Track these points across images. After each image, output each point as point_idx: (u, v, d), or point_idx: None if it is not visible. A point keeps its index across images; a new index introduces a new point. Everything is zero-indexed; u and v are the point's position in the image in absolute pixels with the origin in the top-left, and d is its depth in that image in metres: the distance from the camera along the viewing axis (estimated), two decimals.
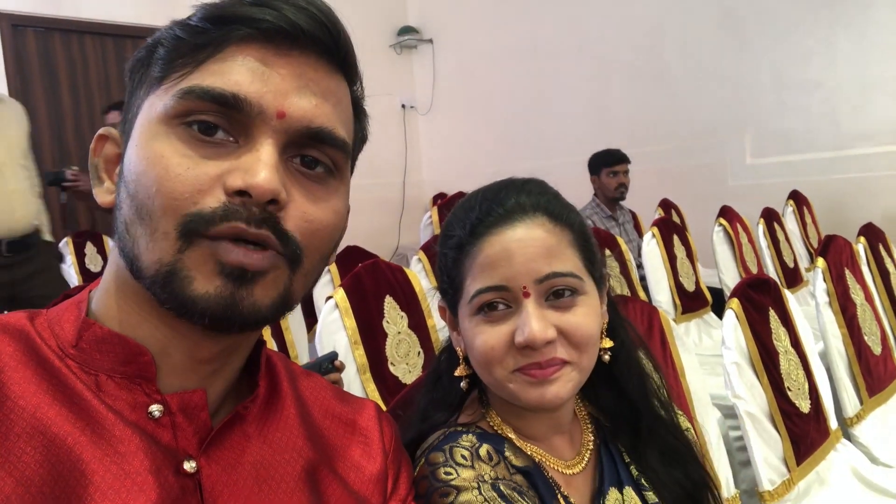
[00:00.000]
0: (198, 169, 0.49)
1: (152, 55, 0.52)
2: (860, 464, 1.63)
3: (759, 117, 4.02)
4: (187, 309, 0.49)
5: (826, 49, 3.70)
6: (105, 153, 0.56)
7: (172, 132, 0.49)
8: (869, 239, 2.41)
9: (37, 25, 4.29)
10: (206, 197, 0.48)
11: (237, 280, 0.49)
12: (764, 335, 1.54)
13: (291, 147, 0.52)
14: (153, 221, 0.48)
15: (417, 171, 6.30)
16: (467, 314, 0.71)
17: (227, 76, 0.49)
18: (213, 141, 0.50)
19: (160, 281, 0.48)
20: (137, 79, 0.54)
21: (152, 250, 0.48)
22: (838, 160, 3.72)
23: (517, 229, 0.69)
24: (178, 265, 0.48)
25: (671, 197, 4.04)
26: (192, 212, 0.48)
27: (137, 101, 0.53)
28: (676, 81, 4.37)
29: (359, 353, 1.74)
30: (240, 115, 0.49)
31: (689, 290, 2.90)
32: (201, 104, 0.49)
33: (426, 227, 3.92)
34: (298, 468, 0.57)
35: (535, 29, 5.16)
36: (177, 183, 0.48)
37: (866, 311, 1.99)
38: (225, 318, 0.49)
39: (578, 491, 0.74)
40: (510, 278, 0.68)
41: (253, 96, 0.49)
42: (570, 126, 5.00)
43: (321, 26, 0.52)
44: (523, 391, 0.69)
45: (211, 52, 0.50)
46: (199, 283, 0.48)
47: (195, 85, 0.49)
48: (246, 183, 0.48)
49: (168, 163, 0.48)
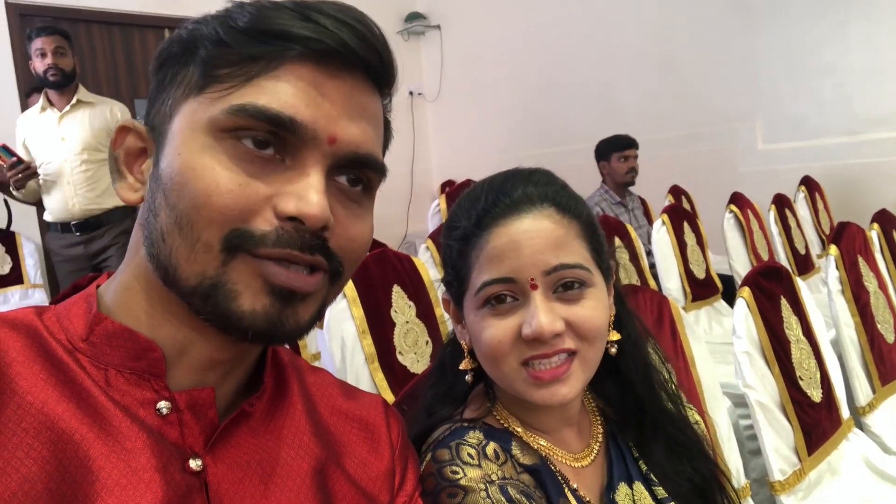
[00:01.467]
0: (249, 188, 0.48)
1: (191, 53, 0.51)
2: (872, 453, 1.62)
3: (771, 103, 3.97)
4: (231, 323, 0.49)
5: (839, 34, 3.65)
6: (126, 146, 0.54)
7: (220, 146, 0.49)
8: (882, 225, 2.38)
9: (44, 15, 4.28)
10: (256, 217, 0.48)
11: (285, 300, 0.50)
12: (775, 324, 1.53)
13: (335, 170, 0.52)
14: (194, 233, 0.48)
15: (425, 158, 6.28)
16: (473, 307, 0.70)
17: (281, 97, 0.49)
18: (261, 156, 0.49)
19: (202, 293, 0.49)
20: (170, 74, 0.52)
21: (193, 262, 0.48)
22: (851, 145, 3.68)
23: (524, 221, 0.68)
24: (223, 279, 0.48)
25: (681, 184, 4.01)
26: (240, 228, 0.48)
27: (170, 101, 0.52)
28: (686, 67, 4.32)
29: (367, 342, 1.74)
30: (292, 137, 0.49)
31: (699, 277, 2.89)
32: (254, 122, 0.48)
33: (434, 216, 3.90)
34: (305, 465, 0.57)
35: (544, 15, 5.11)
36: (227, 199, 0.48)
37: (879, 299, 1.97)
38: (268, 334, 0.50)
39: (588, 484, 0.74)
40: (517, 270, 0.67)
41: (308, 120, 0.49)
42: (578, 113, 4.96)
43: (371, 48, 0.52)
44: (530, 391, 0.68)
45: (262, 68, 0.49)
46: (245, 299, 0.49)
47: (248, 103, 0.48)
48: (300, 211, 0.48)
49: (217, 177, 0.48)
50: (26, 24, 4.23)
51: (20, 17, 4.19)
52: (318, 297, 0.53)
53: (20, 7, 4.18)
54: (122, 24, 4.54)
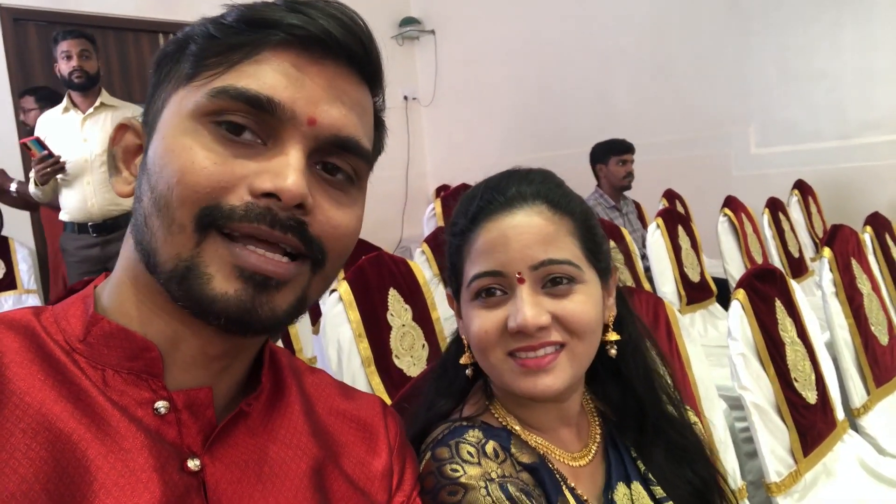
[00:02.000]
0: (224, 165, 0.49)
1: (183, 50, 0.52)
2: (867, 455, 1.62)
3: (764, 107, 4.00)
4: (203, 308, 0.49)
5: (831, 39, 3.68)
6: (124, 143, 0.56)
7: (202, 128, 0.50)
8: (875, 228, 2.39)
9: (38, 19, 4.28)
10: (229, 195, 0.49)
11: (259, 286, 0.49)
12: (770, 326, 1.53)
13: (316, 153, 0.52)
14: (170, 212, 0.48)
15: (420, 163, 6.28)
16: (467, 299, 0.73)
17: (261, 79, 0.50)
18: (240, 141, 0.50)
19: (177, 277, 0.49)
20: (164, 72, 0.53)
21: (170, 244, 0.49)
22: (843, 150, 3.70)
23: (516, 216, 0.70)
24: (196, 261, 0.48)
25: (675, 188, 4.02)
26: (210, 205, 0.48)
27: (164, 95, 0.53)
28: (681, 72, 4.34)
29: (363, 346, 1.74)
30: (271, 118, 0.50)
31: (693, 280, 2.89)
32: (234, 104, 0.49)
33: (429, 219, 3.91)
34: (303, 465, 0.57)
35: (539, 20, 5.13)
36: (200, 176, 0.48)
37: (873, 301, 1.98)
38: (241, 321, 0.49)
39: (585, 483, 0.74)
40: (505, 264, 0.68)
41: (286, 101, 0.50)
42: (573, 117, 4.97)
43: (355, 37, 0.52)
44: (515, 380, 0.69)
45: (245, 53, 0.50)
46: (217, 282, 0.48)
47: (229, 85, 0.49)
48: (275, 185, 0.48)
49: (194, 155, 0.49)
50: (20, 27, 4.23)
51: (14, 21, 4.19)
52: (297, 286, 0.52)
53: (14, 11, 4.18)
54: (116, 28, 4.54)
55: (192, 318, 0.50)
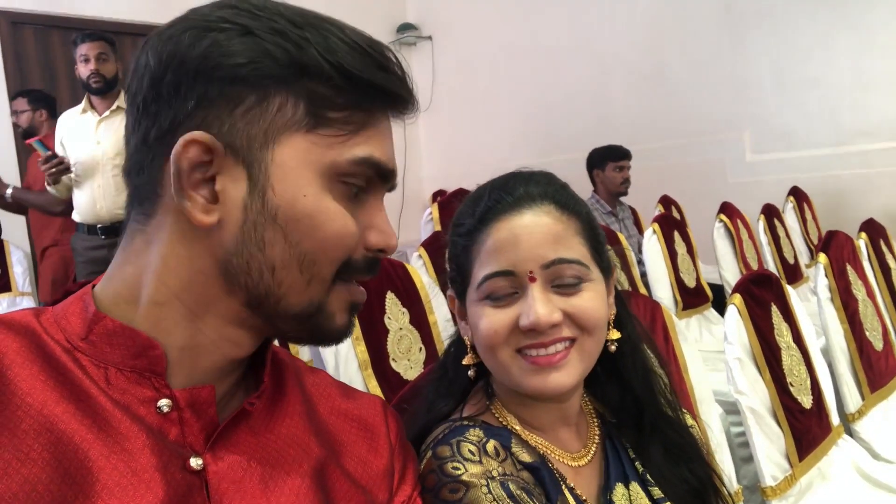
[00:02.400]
0: (355, 227, 0.55)
1: (292, 84, 0.50)
2: (862, 459, 1.63)
3: (759, 114, 4.02)
4: (322, 337, 0.58)
5: (825, 46, 3.71)
6: (191, 156, 0.49)
7: (335, 188, 0.53)
8: (870, 235, 2.41)
9: (36, 23, 4.28)
10: (356, 251, 0.56)
11: (355, 311, 0.59)
12: (766, 330, 1.54)
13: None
14: (318, 268, 0.53)
15: (417, 168, 6.29)
16: (475, 300, 0.73)
17: (385, 150, 0.56)
18: (353, 199, 0.56)
19: (304, 317, 0.55)
20: (258, 96, 0.50)
21: (306, 293, 0.54)
22: (838, 157, 3.73)
23: (525, 216, 0.70)
24: (325, 304, 0.55)
25: (671, 193, 4.04)
26: (346, 260, 0.55)
27: (264, 125, 0.50)
28: (676, 79, 4.37)
29: (360, 349, 1.74)
30: (380, 181, 0.57)
31: (689, 286, 2.90)
32: (368, 171, 0.55)
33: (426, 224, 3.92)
34: (305, 464, 0.57)
35: (535, 26, 5.16)
36: (352, 240, 0.55)
37: (868, 307, 1.99)
38: (342, 340, 0.59)
39: (585, 483, 0.74)
40: (516, 263, 0.69)
41: (396, 169, 0.58)
42: (570, 123, 4.99)
43: (414, 100, 0.58)
44: (525, 378, 0.70)
45: (365, 119, 0.54)
46: (339, 317, 0.57)
47: (370, 156, 0.54)
48: (387, 244, 0.57)
49: (346, 221, 0.54)
50: (17, 31, 4.23)
51: (11, 24, 4.19)
52: None
53: (11, 14, 4.18)
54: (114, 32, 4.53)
55: (249, 329, 0.55)
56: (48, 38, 4.36)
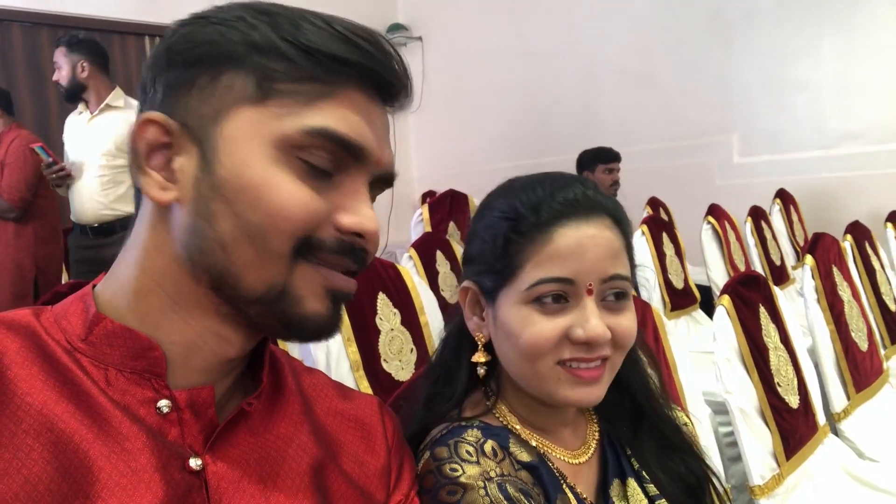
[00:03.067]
0: (315, 202, 0.52)
1: (242, 61, 0.51)
2: (847, 459, 1.65)
3: (747, 117, 4.06)
4: (293, 326, 0.53)
5: (811, 50, 3.75)
6: (149, 138, 0.52)
7: (289, 161, 0.51)
8: (855, 237, 2.44)
9: (23, 20, 4.24)
10: (321, 230, 0.52)
11: (338, 302, 0.55)
12: (754, 331, 1.56)
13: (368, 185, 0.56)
14: (267, 242, 0.50)
15: (406, 169, 6.28)
16: (516, 301, 0.70)
17: (350, 123, 0.52)
18: (320, 176, 0.53)
19: (269, 300, 0.52)
20: (211, 76, 0.51)
21: (262, 271, 0.51)
22: (824, 159, 3.77)
23: (590, 227, 0.69)
24: (290, 285, 0.52)
25: (660, 196, 4.07)
26: (304, 237, 0.51)
27: (214, 102, 0.51)
28: (665, 82, 4.40)
29: (352, 350, 1.74)
30: (352, 160, 0.53)
31: (677, 287, 2.93)
32: (325, 143, 0.51)
33: (417, 225, 3.92)
34: (303, 464, 0.57)
35: (525, 28, 5.17)
36: (302, 211, 0.51)
37: (853, 308, 2.01)
38: (326, 334, 0.55)
39: (584, 481, 0.75)
40: (578, 273, 0.68)
41: (369, 147, 0.54)
42: (559, 125, 5.01)
43: (409, 83, 0.57)
44: (564, 389, 0.70)
45: (324, 90, 0.51)
46: (310, 302, 0.53)
47: (325, 127, 0.51)
48: (363, 227, 0.54)
49: (293, 191, 0.51)
50: (4, 28, 4.19)
51: None
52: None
53: None
54: (101, 30, 4.50)
55: (226, 321, 0.53)
56: (36, 36, 4.32)
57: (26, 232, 3.01)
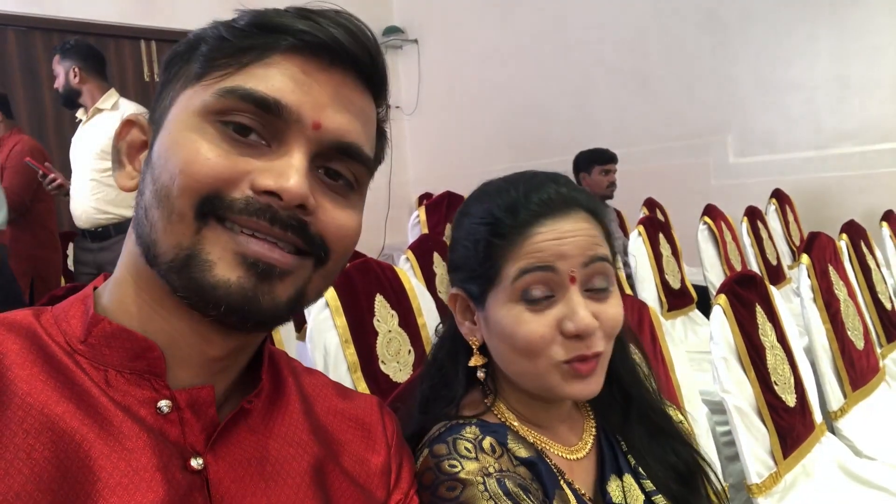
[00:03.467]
0: (228, 159, 0.50)
1: (193, 51, 0.54)
2: (844, 457, 1.65)
3: (742, 118, 4.07)
4: (204, 296, 0.49)
5: (806, 51, 3.76)
6: (129, 138, 0.57)
7: (208, 126, 0.51)
8: (851, 236, 2.45)
9: (18, 25, 4.24)
10: (231, 188, 0.50)
11: (262, 274, 0.50)
12: (751, 330, 1.56)
13: (319, 158, 0.53)
14: (170, 202, 0.49)
15: (403, 171, 6.29)
16: (504, 300, 0.71)
17: (269, 82, 0.51)
18: (246, 141, 0.51)
19: (177, 266, 0.49)
20: (174, 71, 0.55)
21: (170, 233, 0.49)
22: (819, 159, 3.78)
23: (567, 222, 0.70)
24: (197, 249, 0.49)
25: (655, 196, 4.08)
26: (212, 195, 0.49)
27: (172, 94, 0.54)
28: (660, 83, 4.41)
29: (350, 351, 1.74)
30: (277, 120, 0.51)
31: (674, 287, 2.93)
32: (241, 104, 0.50)
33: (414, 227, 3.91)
34: (304, 463, 0.58)
35: (520, 30, 5.18)
36: (204, 167, 0.49)
37: (849, 307, 2.02)
38: (242, 310, 0.49)
39: (582, 476, 0.75)
40: (559, 259, 0.69)
41: (293, 104, 0.51)
42: (555, 126, 5.02)
43: (363, 47, 0.54)
44: (566, 384, 0.70)
45: (255, 56, 0.51)
46: (219, 269, 0.49)
47: (238, 85, 0.50)
48: (277, 185, 0.49)
49: (199, 147, 0.50)
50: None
51: None
52: (299, 278, 0.52)
53: None
54: (97, 34, 4.50)
55: (192, 313, 0.51)
56: (30, 40, 4.32)
57: (24, 237, 3.01)
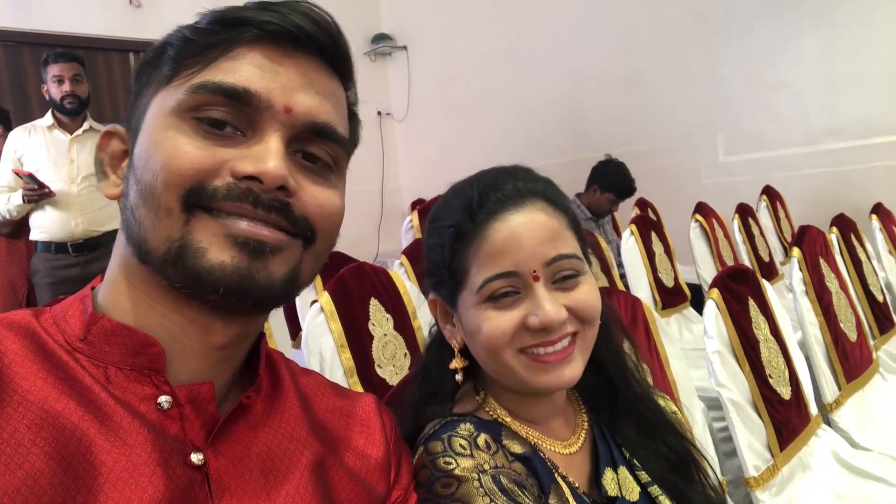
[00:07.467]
0: (207, 151, 0.51)
1: (161, 56, 0.55)
2: (840, 448, 1.66)
3: (731, 117, 4.10)
4: (201, 281, 0.50)
5: (793, 48, 3.79)
6: (111, 149, 0.58)
7: (184, 123, 0.52)
8: (841, 229, 2.46)
9: (6, 39, 4.23)
10: (212, 178, 0.51)
11: (254, 252, 0.51)
12: (744, 324, 1.57)
13: (295, 142, 0.54)
14: (156, 198, 0.50)
15: (395, 177, 6.30)
16: (472, 304, 0.71)
17: (237, 73, 0.52)
18: (222, 134, 0.52)
19: (171, 258, 0.50)
20: (145, 79, 0.56)
21: (159, 229, 0.50)
22: (808, 155, 3.81)
23: (521, 214, 0.70)
24: (188, 238, 0.50)
25: (647, 196, 4.09)
26: (194, 187, 0.50)
27: (145, 100, 0.55)
28: (650, 84, 4.43)
29: (345, 356, 1.74)
30: (249, 108, 0.52)
31: (667, 285, 2.94)
32: (213, 98, 0.52)
33: (407, 232, 3.91)
34: (305, 458, 0.58)
35: (510, 34, 5.20)
36: (184, 160, 0.50)
37: (841, 299, 2.03)
38: (240, 289, 0.50)
39: (576, 470, 0.76)
40: (519, 263, 0.68)
41: (262, 91, 0.52)
42: (546, 130, 5.04)
43: (324, 32, 0.55)
44: (534, 376, 0.70)
45: (221, 51, 0.53)
46: (213, 252, 0.50)
47: (207, 80, 0.52)
48: (256, 169, 0.51)
49: (177, 143, 0.51)
50: None
51: None
52: (291, 256, 0.54)
53: None
54: (86, 47, 4.49)
55: (191, 303, 0.52)
56: (18, 54, 4.31)
57: (19, 248, 3.00)
